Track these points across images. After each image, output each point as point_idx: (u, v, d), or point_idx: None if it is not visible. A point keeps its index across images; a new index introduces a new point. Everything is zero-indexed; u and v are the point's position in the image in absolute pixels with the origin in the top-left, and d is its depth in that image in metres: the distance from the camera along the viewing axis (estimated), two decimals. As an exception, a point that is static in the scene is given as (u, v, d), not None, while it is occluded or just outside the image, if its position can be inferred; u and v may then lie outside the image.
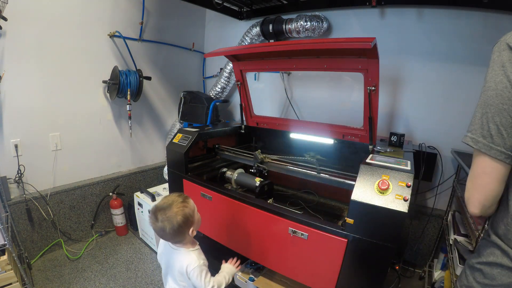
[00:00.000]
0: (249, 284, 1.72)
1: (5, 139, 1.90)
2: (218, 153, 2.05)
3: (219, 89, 2.74)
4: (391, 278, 1.93)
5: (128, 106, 2.31)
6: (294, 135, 2.03)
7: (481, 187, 0.72)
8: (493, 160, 0.68)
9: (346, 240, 1.17)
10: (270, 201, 1.62)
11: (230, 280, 1.30)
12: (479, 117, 0.71)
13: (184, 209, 1.12)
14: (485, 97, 0.70)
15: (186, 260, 1.15)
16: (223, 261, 1.40)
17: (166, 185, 2.38)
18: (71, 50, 2.11)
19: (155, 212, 1.12)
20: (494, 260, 0.73)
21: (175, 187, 1.91)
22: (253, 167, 1.76)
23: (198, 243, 1.27)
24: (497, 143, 0.67)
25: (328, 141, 1.87)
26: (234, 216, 1.54)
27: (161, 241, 1.26)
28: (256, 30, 2.41)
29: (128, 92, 2.26)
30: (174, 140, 1.89)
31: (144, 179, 2.80)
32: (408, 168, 1.19)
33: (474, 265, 0.78)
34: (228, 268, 1.34)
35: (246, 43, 2.52)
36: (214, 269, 1.29)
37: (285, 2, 2.37)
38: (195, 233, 1.18)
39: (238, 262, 1.39)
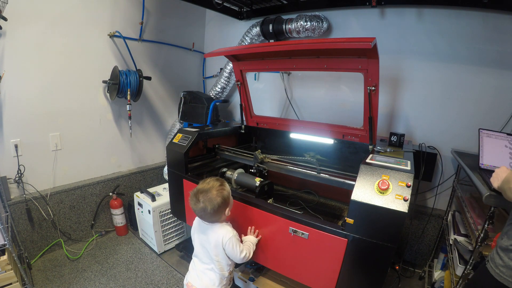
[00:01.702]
0: (249, 284, 1.72)
1: (5, 139, 1.90)
2: (218, 153, 2.05)
3: (219, 89, 2.74)
4: (391, 278, 1.94)
5: (128, 106, 2.31)
6: (294, 135, 2.03)
7: None
8: None
9: (346, 240, 1.17)
10: (270, 201, 1.62)
11: (254, 248, 1.43)
12: None
13: (223, 192, 1.27)
14: None
15: (222, 232, 1.30)
16: (242, 235, 1.48)
17: (166, 185, 2.37)
18: (71, 50, 2.11)
19: (196, 194, 1.25)
20: None
21: (175, 187, 1.91)
22: (253, 167, 1.76)
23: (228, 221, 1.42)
24: None
25: (328, 141, 1.87)
26: (234, 216, 1.54)
27: (196, 219, 1.39)
28: (256, 30, 2.41)
29: (128, 92, 2.26)
30: (174, 140, 1.89)
31: (144, 179, 2.80)
32: (408, 168, 1.19)
33: (508, 247, 0.94)
34: (251, 238, 1.45)
35: (246, 43, 2.52)
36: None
37: (285, 2, 2.37)
38: (229, 213, 1.33)
39: (257, 231, 1.48)
